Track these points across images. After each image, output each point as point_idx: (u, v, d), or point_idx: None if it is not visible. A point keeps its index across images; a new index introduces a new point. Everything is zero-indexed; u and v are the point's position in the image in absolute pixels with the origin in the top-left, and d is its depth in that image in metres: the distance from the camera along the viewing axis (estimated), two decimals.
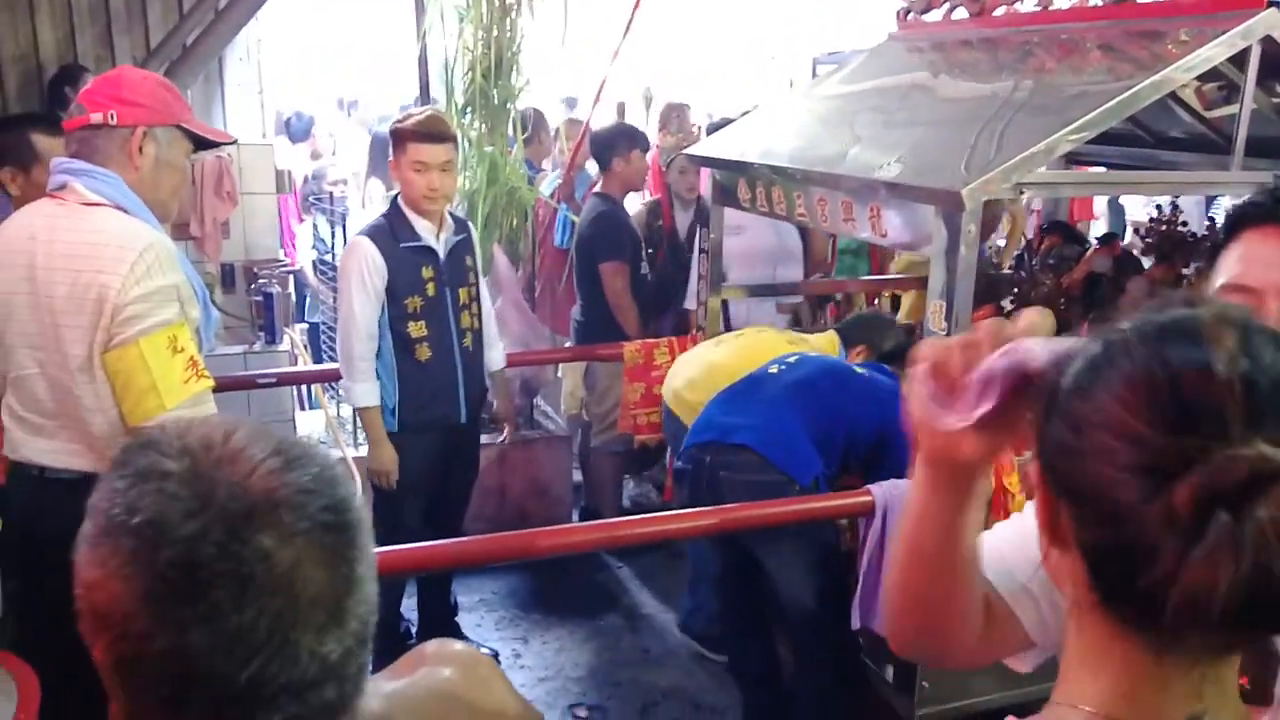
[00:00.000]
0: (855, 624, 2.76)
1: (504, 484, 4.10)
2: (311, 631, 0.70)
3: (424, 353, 3.12)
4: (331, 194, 5.00)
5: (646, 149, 4.46)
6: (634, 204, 4.61)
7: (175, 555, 0.67)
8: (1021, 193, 2.45)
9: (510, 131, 4.50)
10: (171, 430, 0.73)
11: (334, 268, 4.59)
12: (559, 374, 4.76)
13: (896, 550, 0.98)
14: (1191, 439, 0.62)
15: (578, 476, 4.57)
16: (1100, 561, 0.67)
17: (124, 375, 1.97)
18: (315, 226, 5.28)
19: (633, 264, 4.26)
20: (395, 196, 3.18)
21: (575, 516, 4.42)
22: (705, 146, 4.08)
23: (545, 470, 4.25)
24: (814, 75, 7.50)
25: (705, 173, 3.88)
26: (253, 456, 0.71)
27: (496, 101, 4.42)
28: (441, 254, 3.13)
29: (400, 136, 3.08)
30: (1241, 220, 1.09)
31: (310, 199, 5.46)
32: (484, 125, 4.44)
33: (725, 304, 4.25)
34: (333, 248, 4.90)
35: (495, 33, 4.40)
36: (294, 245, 5.44)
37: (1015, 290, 3.66)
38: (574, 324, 4.48)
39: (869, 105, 3.34)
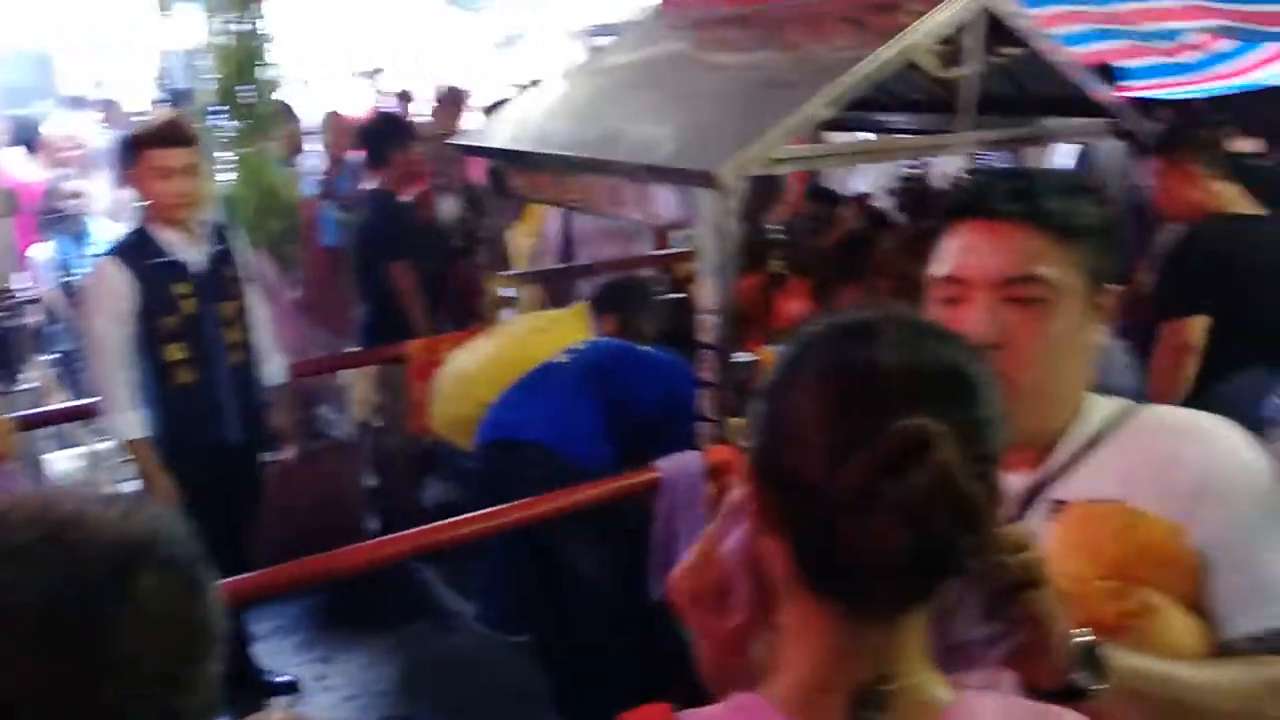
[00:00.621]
0: (654, 596, 2.80)
1: (292, 500, 3.89)
2: (203, 659, 0.74)
3: (186, 376, 2.91)
4: (72, 208, 4.58)
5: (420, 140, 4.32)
6: None
7: (69, 624, 0.68)
8: (777, 169, 2.51)
9: (265, 129, 4.27)
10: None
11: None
12: (342, 380, 4.56)
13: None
14: (865, 420, 0.71)
15: (372, 482, 4.41)
16: (801, 541, 0.75)
17: None
18: (59, 245, 4.83)
19: (418, 260, 4.14)
20: (142, 210, 2.94)
21: (373, 524, 4.26)
22: (476, 133, 3.99)
23: (336, 481, 4.08)
24: (584, 50, 7.52)
25: (480, 160, 3.80)
26: (91, 511, 0.73)
27: (247, 98, 4.18)
28: (197, 268, 2.92)
29: (137, 144, 2.85)
30: (950, 211, 1.15)
31: (49, 215, 4.98)
32: (236, 124, 4.18)
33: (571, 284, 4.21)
34: (79, 267, 4.51)
35: (240, 25, 4.16)
36: (36, 269, 4.95)
37: (781, 255, 3.78)
38: (358, 326, 4.32)
39: (635, 83, 3.35)
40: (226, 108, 4.16)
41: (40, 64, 8.23)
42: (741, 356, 2.61)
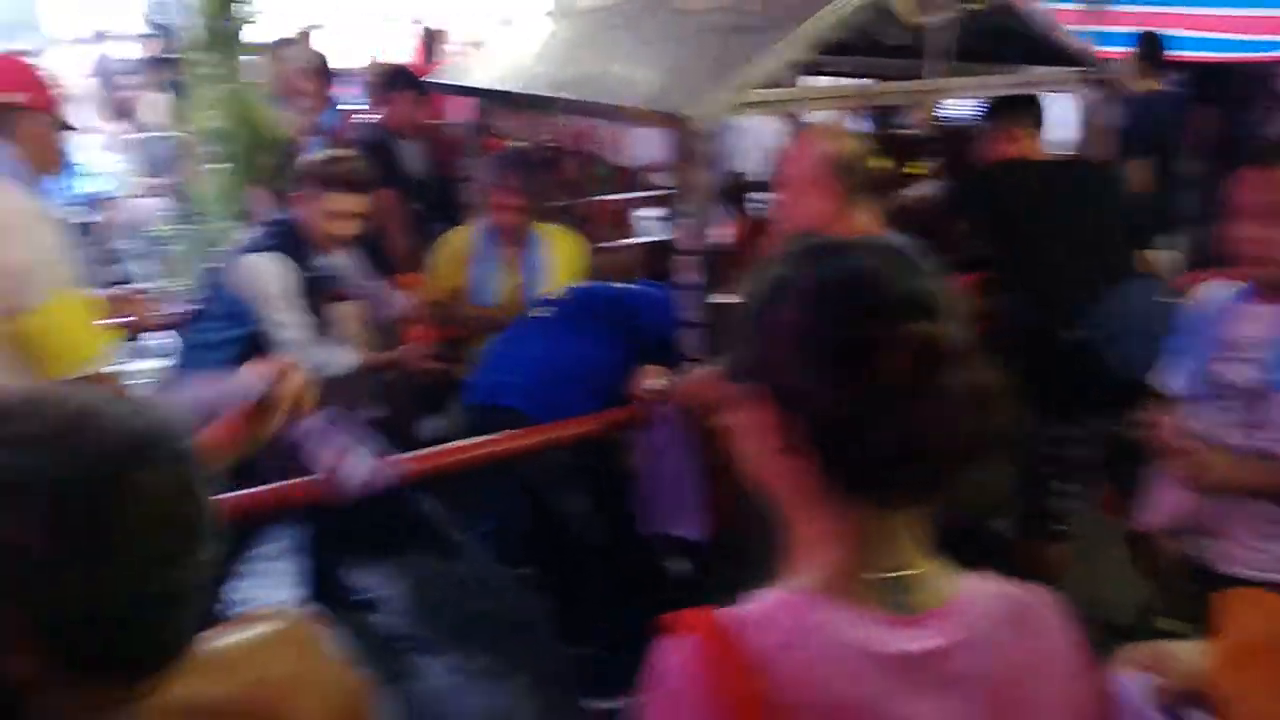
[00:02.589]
0: (643, 530, 2.88)
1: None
2: (187, 551, 0.80)
3: None
4: None
5: (424, 93, 4.27)
6: None
7: (68, 505, 0.75)
8: (749, 113, 2.56)
9: (250, 65, 4.28)
10: (16, 398, 0.80)
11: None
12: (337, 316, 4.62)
13: None
14: (877, 324, 0.77)
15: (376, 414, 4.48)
16: (836, 447, 0.80)
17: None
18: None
19: (404, 195, 4.16)
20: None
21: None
22: (456, 72, 4.00)
23: (345, 401, 4.09)
24: None
25: (462, 101, 3.82)
26: (103, 409, 0.80)
27: (229, 34, 4.18)
28: None
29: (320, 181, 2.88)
30: (1247, 156, 1.21)
31: None
32: (218, 60, 4.19)
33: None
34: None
35: None
36: None
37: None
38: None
39: (612, 24, 3.37)
40: (208, 44, 4.15)
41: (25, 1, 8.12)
42: (722, 297, 2.65)
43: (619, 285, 3.24)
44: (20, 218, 2.02)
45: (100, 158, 5.18)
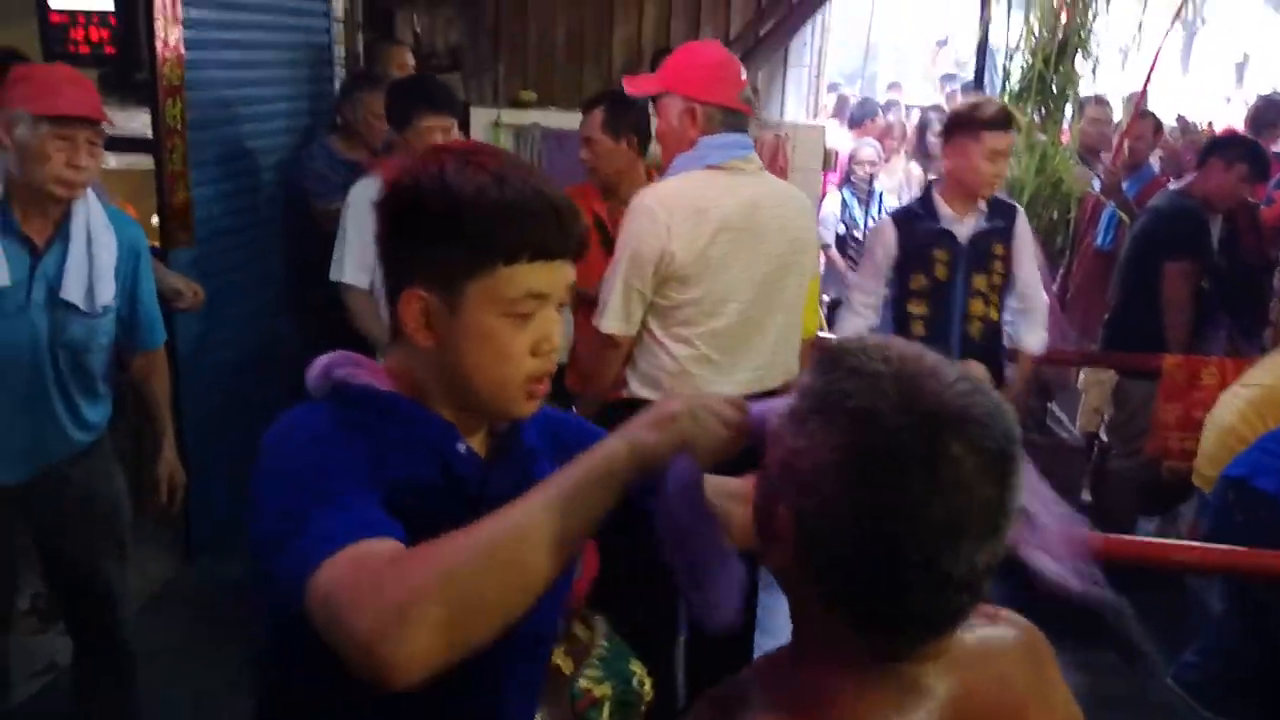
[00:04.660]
0: None
1: None
2: (974, 537, 0.76)
3: (919, 329, 3.08)
4: (862, 172, 5.18)
5: (1248, 164, 3.85)
6: None
7: (880, 441, 0.75)
8: None
9: (1061, 120, 4.28)
10: (873, 341, 0.83)
11: (859, 243, 4.77)
12: (1079, 383, 4.45)
13: None
14: None
15: (1086, 498, 4.24)
16: None
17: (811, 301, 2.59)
18: (844, 202, 5.44)
19: (1199, 272, 3.84)
20: (930, 182, 3.19)
21: None
22: None
23: (1051, 480, 3.98)
24: None
25: None
26: (946, 375, 0.79)
27: (1055, 89, 4.21)
28: (962, 239, 3.05)
29: (972, 124, 2.98)
30: None
31: (846, 176, 5.63)
32: (1038, 113, 4.25)
33: None
34: (861, 225, 5.08)
35: (1063, 19, 4.19)
36: (822, 219, 5.63)
37: None
38: (1106, 330, 4.14)
39: None
40: (1031, 96, 4.23)
41: (865, 50, 9.23)
42: None
43: None
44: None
45: (892, 194, 5.62)
